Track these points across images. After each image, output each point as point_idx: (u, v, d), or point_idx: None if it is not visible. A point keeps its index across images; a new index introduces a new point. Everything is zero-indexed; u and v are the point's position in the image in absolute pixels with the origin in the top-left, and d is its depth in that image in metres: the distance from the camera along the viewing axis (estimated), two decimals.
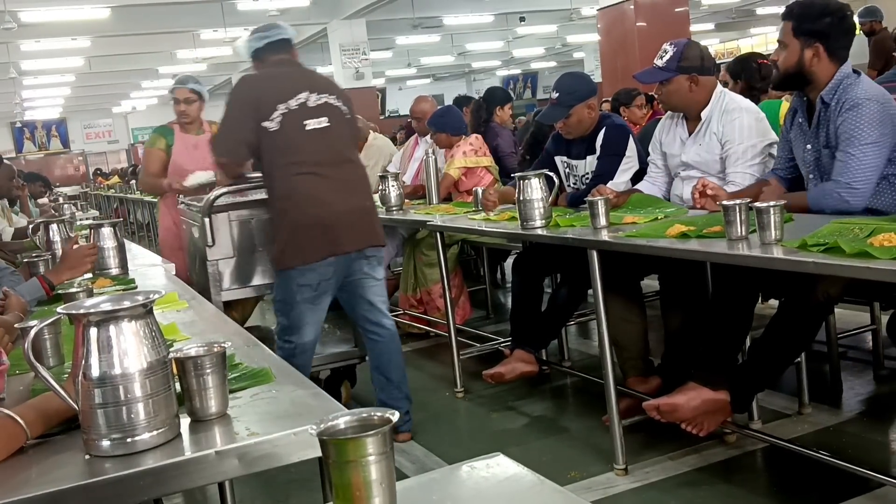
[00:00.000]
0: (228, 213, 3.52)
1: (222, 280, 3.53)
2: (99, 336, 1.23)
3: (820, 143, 2.74)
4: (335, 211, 3.08)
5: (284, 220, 3.10)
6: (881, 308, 3.51)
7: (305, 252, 3.06)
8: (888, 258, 1.92)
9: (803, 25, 2.70)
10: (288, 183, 3.07)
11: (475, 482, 1.06)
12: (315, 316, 3.19)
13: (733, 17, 20.14)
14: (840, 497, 2.50)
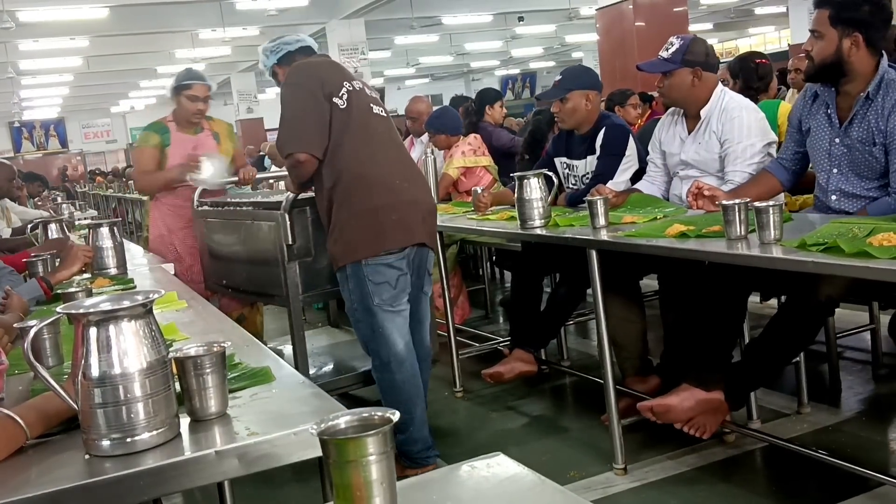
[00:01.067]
0: (307, 209, 3.19)
1: (301, 283, 3.19)
2: (99, 336, 1.23)
3: (854, 139, 2.65)
4: (407, 199, 2.83)
5: (354, 205, 2.77)
6: (880, 308, 3.51)
7: (380, 239, 2.77)
8: (888, 258, 1.92)
9: (842, 14, 2.59)
10: (360, 164, 2.78)
11: (476, 482, 1.05)
12: (398, 319, 2.85)
13: (732, 17, 20.13)
14: (839, 496, 2.50)
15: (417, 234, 2.85)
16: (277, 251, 3.16)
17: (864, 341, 3.73)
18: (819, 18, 2.65)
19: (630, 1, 9.08)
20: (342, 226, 2.80)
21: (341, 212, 2.79)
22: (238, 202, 3.65)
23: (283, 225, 3.09)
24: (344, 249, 2.80)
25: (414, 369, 2.89)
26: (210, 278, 4.00)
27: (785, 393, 3.32)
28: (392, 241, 2.78)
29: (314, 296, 3.25)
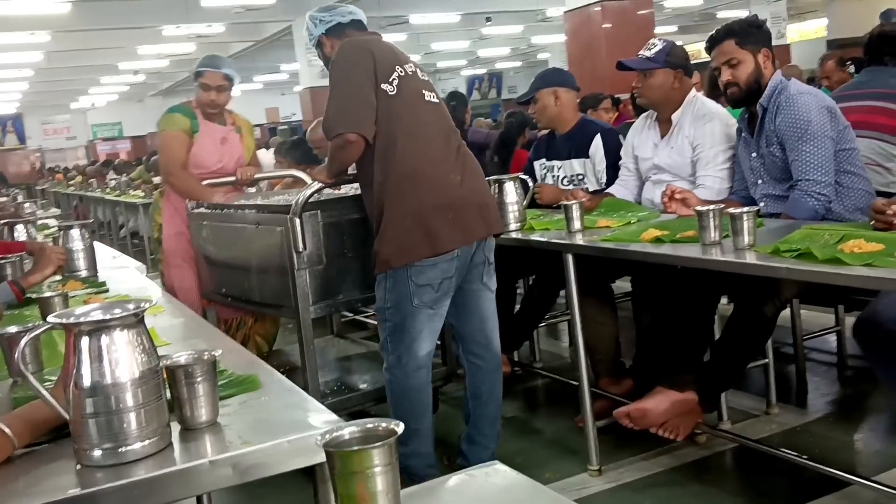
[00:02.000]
0: (318, 213, 2.91)
1: (312, 293, 2.90)
2: (91, 345, 1.23)
3: (762, 147, 2.86)
4: (462, 194, 2.63)
5: (407, 204, 2.56)
6: (845, 311, 3.59)
7: (434, 241, 2.56)
8: (859, 264, 1.98)
9: (750, 36, 2.84)
10: (412, 159, 2.58)
11: (475, 490, 1.07)
12: (434, 324, 2.67)
13: (696, 21, 20.42)
14: (809, 496, 2.56)
15: (475, 230, 2.66)
16: (286, 258, 2.89)
17: (830, 343, 3.81)
18: (727, 49, 2.87)
19: (598, 3, 9.14)
20: (394, 226, 2.58)
21: (392, 211, 2.58)
22: (241, 205, 3.38)
23: (293, 230, 2.81)
24: (395, 251, 2.58)
25: (428, 378, 2.73)
26: (207, 286, 3.68)
27: (754, 394, 3.38)
28: (448, 243, 2.58)
29: (324, 306, 2.98)
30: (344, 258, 2.96)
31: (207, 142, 3.74)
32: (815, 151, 2.69)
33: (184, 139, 3.70)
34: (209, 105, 3.73)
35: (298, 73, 15.93)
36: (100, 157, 21.35)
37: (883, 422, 3.27)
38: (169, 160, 3.76)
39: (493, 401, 2.87)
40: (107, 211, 11.79)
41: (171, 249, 3.79)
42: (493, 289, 2.83)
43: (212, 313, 3.63)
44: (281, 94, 26.99)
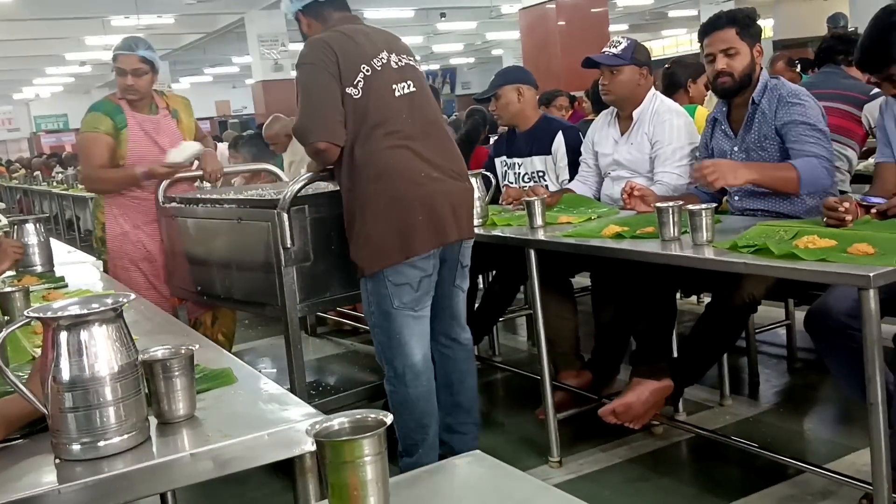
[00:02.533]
0: (305, 208, 2.83)
1: (299, 290, 2.82)
2: (69, 340, 1.22)
3: (750, 143, 2.86)
4: (435, 190, 2.57)
5: (374, 209, 2.54)
6: (795, 305, 3.71)
7: (408, 244, 2.53)
8: (813, 259, 2.05)
9: (750, 28, 2.83)
10: (378, 160, 2.53)
11: (460, 477, 1.10)
12: (420, 327, 2.64)
13: (647, 19, 20.71)
14: (763, 484, 2.64)
15: (449, 232, 2.60)
16: (272, 255, 2.81)
17: (780, 337, 3.92)
18: (728, 37, 2.84)
19: (552, 1, 9.24)
20: (367, 230, 2.56)
21: (364, 215, 2.56)
22: (220, 199, 3.24)
23: (281, 225, 2.73)
24: (369, 257, 2.57)
25: (430, 385, 2.68)
26: (178, 284, 3.55)
27: (708, 386, 3.46)
28: (421, 245, 2.54)
29: (311, 304, 2.92)
30: (331, 255, 2.89)
31: (139, 136, 3.50)
32: (826, 143, 2.71)
33: (104, 141, 3.47)
34: (127, 91, 3.47)
35: (251, 67, 15.77)
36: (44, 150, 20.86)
37: (831, 412, 3.39)
38: (86, 166, 3.60)
39: (465, 389, 2.86)
40: (53, 205, 11.55)
41: (115, 250, 3.59)
42: (466, 288, 2.84)
43: (184, 312, 3.55)
44: (232, 87, 26.70)
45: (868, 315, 1.89)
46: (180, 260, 3.47)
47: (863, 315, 1.90)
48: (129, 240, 3.55)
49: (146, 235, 3.56)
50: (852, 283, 1.92)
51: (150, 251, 3.57)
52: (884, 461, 1.97)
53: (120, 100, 3.52)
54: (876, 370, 1.92)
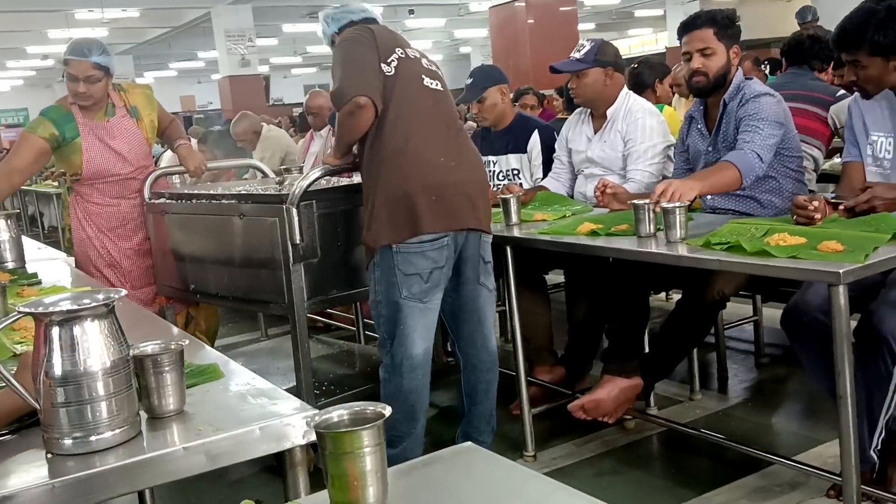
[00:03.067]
0: (313, 203, 2.78)
1: (307, 288, 2.77)
2: (62, 335, 1.23)
3: (719, 142, 2.93)
4: (452, 180, 2.56)
5: (391, 185, 2.51)
6: (762, 301, 3.79)
7: (416, 222, 2.50)
8: (784, 256, 2.11)
9: (728, 29, 2.86)
10: (401, 137, 2.52)
11: (455, 468, 1.13)
12: (426, 320, 2.61)
13: (613, 19, 20.90)
14: (733, 476, 2.70)
15: (464, 219, 2.57)
16: (279, 251, 2.75)
17: (748, 333, 4.00)
18: (704, 37, 2.87)
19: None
20: (377, 209, 2.53)
21: (377, 193, 2.54)
22: (218, 194, 3.14)
23: (290, 220, 2.68)
24: (376, 233, 2.54)
25: (425, 379, 2.66)
26: (165, 282, 3.44)
27: (678, 381, 3.53)
28: (429, 225, 2.50)
29: (318, 302, 2.87)
30: (337, 252, 2.86)
31: (95, 144, 3.31)
32: (765, 133, 2.76)
33: (36, 142, 3.25)
34: (79, 98, 3.26)
35: (217, 62, 15.64)
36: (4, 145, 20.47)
37: (798, 406, 3.47)
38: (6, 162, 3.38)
39: (487, 399, 2.86)
40: (16, 201, 11.35)
41: (80, 255, 3.44)
42: (492, 289, 2.78)
43: (171, 312, 3.46)
44: (197, 82, 26.43)
45: (838, 310, 1.94)
46: (169, 258, 3.36)
47: (833, 310, 1.95)
48: (92, 245, 3.43)
49: (110, 241, 3.43)
50: (823, 279, 1.98)
51: (114, 257, 3.43)
52: (852, 452, 2.03)
53: (72, 104, 3.31)
54: (845, 364, 1.98)
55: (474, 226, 2.62)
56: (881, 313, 2.23)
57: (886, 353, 2.21)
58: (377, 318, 2.65)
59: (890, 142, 2.53)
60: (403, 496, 1.04)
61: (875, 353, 2.22)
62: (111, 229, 3.43)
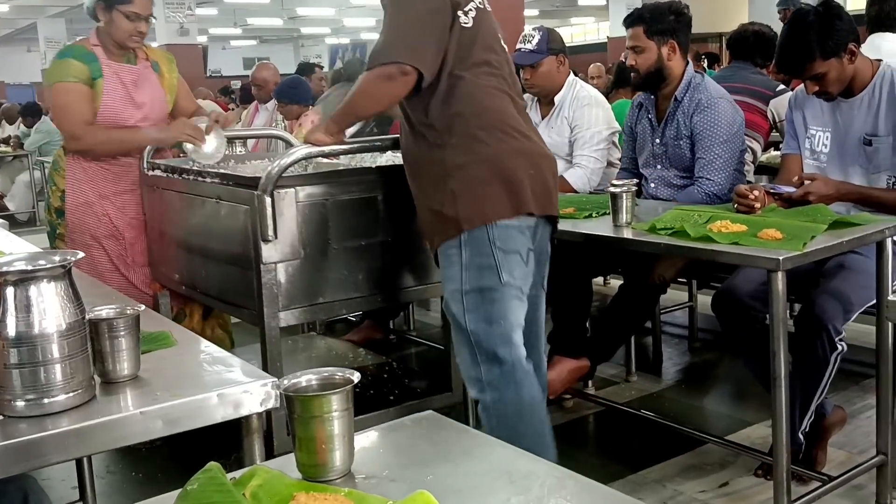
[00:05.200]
0: (295, 190, 2.28)
1: (282, 294, 2.29)
2: (17, 295, 1.21)
3: (668, 137, 3.00)
4: (539, 149, 2.19)
5: (484, 146, 2.06)
6: (697, 287, 3.90)
7: (518, 196, 2.06)
8: (726, 242, 2.19)
9: (655, 26, 2.92)
10: (486, 100, 2.09)
11: (418, 434, 1.16)
12: (522, 311, 2.11)
13: (557, 6, 21.04)
14: (668, 455, 2.79)
15: (553, 203, 2.18)
16: (250, 247, 2.29)
17: (683, 318, 4.12)
18: (635, 35, 2.95)
19: None
20: (466, 176, 2.05)
21: (463, 158, 2.06)
22: (202, 170, 2.65)
23: (261, 211, 2.20)
24: (472, 207, 2.04)
25: (535, 384, 2.13)
26: (159, 267, 3.04)
27: (614, 363, 3.61)
28: (530, 202, 2.08)
29: (298, 312, 2.34)
30: (328, 251, 2.36)
31: (116, 88, 2.97)
32: (722, 155, 2.84)
33: (84, 92, 2.92)
34: (134, 37, 2.94)
35: (154, 29, 15.24)
36: None
37: (728, 389, 3.59)
38: (71, 122, 2.96)
39: None
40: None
41: (75, 224, 3.05)
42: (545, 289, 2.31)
43: (165, 300, 3.07)
44: None
45: (776, 295, 2.02)
46: (163, 240, 2.96)
47: (771, 295, 2.03)
48: (91, 212, 3.03)
49: (114, 208, 3.03)
50: (763, 265, 2.06)
51: (116, 227, 3.03)
52: (784, 432, 2.12)
53: (95, 46, 2.99)
54: (780, 346, 2.06)
55: (555, 212, 2.22)
56: (821, 302, 2.33)
57: (826, 339, 2.31)
58: (461, 317, 2.08)
59: (828, 136, 2.63)
60: (368, 460, 1.06)
61: (814, 339, 2.31)
62: (116, 194, 3.04)
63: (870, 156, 2.54)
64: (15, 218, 9.36)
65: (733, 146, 2.88)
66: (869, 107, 2.53)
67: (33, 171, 8.97)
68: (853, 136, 2.56)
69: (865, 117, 2.53)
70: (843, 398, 3.13)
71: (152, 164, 2.98)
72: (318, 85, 6.28)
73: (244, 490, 0.96)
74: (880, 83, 2.51)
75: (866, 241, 2.25)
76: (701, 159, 2.89)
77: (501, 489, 1.00)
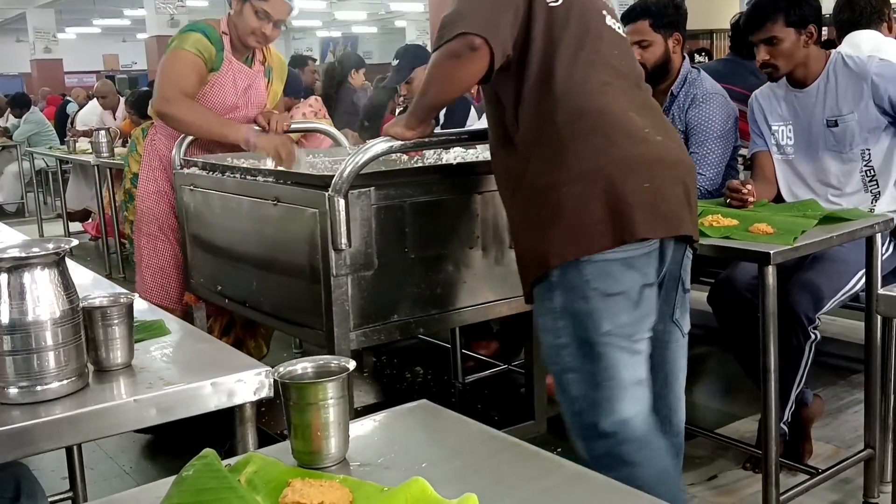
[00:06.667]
0: (370, 191, 2.00)
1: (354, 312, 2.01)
2: (10, 283, 1.20)
3: None
4: (665, 155, 1.70)
5: (577, 161, 1.63)
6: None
7: (627, 221, 1.61)
8: (718, 236, 2.20)
9: (662, 19, 2.88)
10: (587, 95, 1.66)
11: (411, 423, 1.16)
12: (637, 369, 1.67)
13: None
14: None
15: (682, 219, 1.70)
16: (318, 257, 2.00)
17: None
18: (641, 29, 2.90)
19: None
20: (556, 197, 1.63)
21: (552, 174, 1.64)
22: (253, 169, 2.35)
23: (334, 215, 1.92)
24: (562, 237, 1.62)
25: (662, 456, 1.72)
26: (196, 278, 2.74)
27: None
28: (642, 225, 1.62)
29: (371, 332, 2.05)
30: (404, 261, 2.08)
31: (227, 89, 2.77)
32: (715, 150, 2.85)
33: (199, 67, 2.70)
34: (257, 38, 2.74)
35: (144, 20, 15.16)
36: None
37: (717, 384, 3.61)
38: (170, 84, 2.68)
39: None
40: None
41: (144, 212, 2.87)
42: (686, 331, 1.85)
43: (200, 314, 2.80)
44: (122, 41, 25.58)
45: (767, 289, 2.04)
46: (201, 247, 2.67)
47: (762, 289, 2.05)
48: (163, 200, 2.83)
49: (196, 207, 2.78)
50: (754, 259, 2.08)
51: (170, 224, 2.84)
52: (773, 425, 2.14)
53: (224, 35, 2.77)
54: (770, 339, 2.07)
55: (688, 231, 1.73)
56: (795, 294, 2.40)
57: (799, 330, 2.38)
58: (561, 374, 1.70)
59: (790, 128, 2.71)
60: (363, 448, 1.07)
61: (789, 330, 2.36)
62: None
63: (838, 137, 2.61)
64: (3, 209, 9.32)
65: (727, 142, 2.90)
66: (826, 91, 2.61)
67: (22, 162, 8.92)
68: (817, 123, 2.64)
69: (825, 102, 2.61)
70: (831, 393, 3.15)
71: (187, 161, 2.69)
72: (310, 77, 6.28)
73: (239, 476, 0.96)
74: (833, 68, 2.60)
75: (856, 237, 2.27)
76: (694, 154, 2.89)
77: (496, 477, 1.00)
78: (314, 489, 0.91)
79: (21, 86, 19.37)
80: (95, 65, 23.73)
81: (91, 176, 6.41)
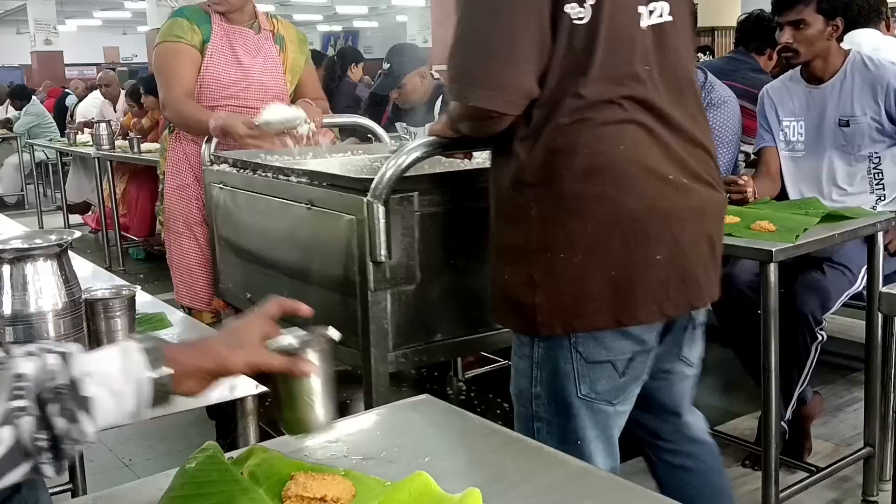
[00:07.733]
0: (414, 197, 1.77)
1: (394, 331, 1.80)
2: (13, 274, 1.21)
3: None
4: (689, 210, 1.46)
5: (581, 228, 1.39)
6: None
7: (629, 302, 1.42)
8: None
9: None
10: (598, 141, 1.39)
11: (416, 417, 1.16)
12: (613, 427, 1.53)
13: None
14: None
15: (697, 290, 1.49)
16: (354, 268, 1.79)
17: None
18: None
19: None
20: (549, 264, 1.42)
21: (550, 234, 1.42)
22: (286, 168, 2.10)
23: (372, 223, 1.71)
24: (553, 308, 1.43)
25: None
26: (224, 282, 2.55)
27: None
28: (645, 308, 1.43)
29: (412, 353, 1.83)
30: (451, 274, 1.86)
31: (223, 50, 2.64)
32: (724, 156, 2.85)
33: (188, 56, 2.61)
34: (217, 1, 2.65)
35: (145, 13, 15.13)
36: None
37: (716, 381, 3.60)
38: (164, 87, 2.64)
39: None
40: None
41: (170, 210, 2.77)
42: (696, 361, 1.69)
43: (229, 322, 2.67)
44: (122, 34, 25.55)
45: (768, 287, 2.04)
46: (226, 248, 2.49)
47: (764, 287, 2.05)
48: (188, 196, 2.72)
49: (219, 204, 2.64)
50: (756, 257, 2.07)
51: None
52: (774, 423, 2.14)
53: (210, 6, 2.69)
54: (772, 337, 2.07)
55: (703, 301, 1.55)
56: (801, 294, 2.40)
57: (806, 330, 2.38)
58: (531, 420, 1.53)
59: (801, 125, 2.70)
60: (366, 442, 1.07)
61: (796, 329, 2.37)
62: None
63: (848, 137, 2.61)
64: (3, 201, 9.32)
65: (734, 148, 2.93)
66: (842, 90, 2.60)
67: (22, 154, 8.92)
68: (829, 121, 2.63)
69: (839, 100, 2.60)
70: (830, 391, 3.15)
71: (216, 157, 2.50)
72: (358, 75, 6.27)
73: (242, 469, 0.96)
74: (851, 67, 2.59)
75: (858, 235, 2.27)
76: None
77: (498, 471, 1.00)
78: (317, 482, 0.91)
79: (21, 77, 19.34)
80: (96, 57, 23.70)
81: (91, 168, 6.41)
